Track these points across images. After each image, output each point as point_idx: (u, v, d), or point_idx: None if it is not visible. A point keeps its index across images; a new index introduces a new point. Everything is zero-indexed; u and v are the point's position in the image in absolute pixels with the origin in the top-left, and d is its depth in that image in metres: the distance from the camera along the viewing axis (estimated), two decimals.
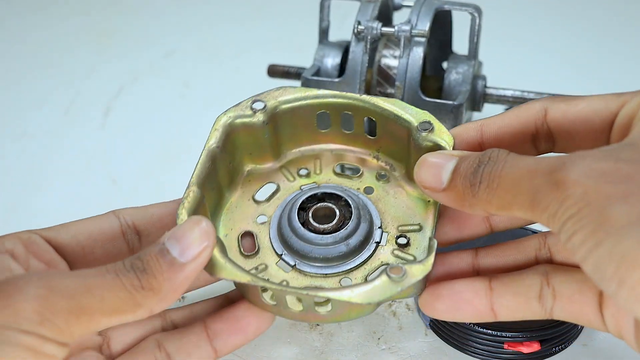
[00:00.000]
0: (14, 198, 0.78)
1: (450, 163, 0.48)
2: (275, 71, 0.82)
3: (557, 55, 1.04)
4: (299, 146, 0.60)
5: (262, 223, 0.57)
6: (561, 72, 1.01)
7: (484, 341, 0.58)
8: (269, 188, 0.59)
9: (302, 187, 0.59)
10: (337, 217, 0.56)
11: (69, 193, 0.80)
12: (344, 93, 0.58)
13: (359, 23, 0.71)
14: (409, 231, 0.57)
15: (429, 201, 0.57)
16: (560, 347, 0.59)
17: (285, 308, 0.51)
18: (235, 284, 0.52)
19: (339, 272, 0.55)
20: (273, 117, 0.57)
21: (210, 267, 0.49)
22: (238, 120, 0.56)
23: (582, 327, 0.61)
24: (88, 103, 0.94)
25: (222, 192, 0.58)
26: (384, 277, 0.48)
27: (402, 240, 0.57)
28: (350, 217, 0.56)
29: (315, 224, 0.55)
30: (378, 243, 0.56)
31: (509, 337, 0.57)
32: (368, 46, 0.71)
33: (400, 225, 0.57)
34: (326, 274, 0.55)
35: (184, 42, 1.08)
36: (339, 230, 0.55)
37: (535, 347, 0.57)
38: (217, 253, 0.49)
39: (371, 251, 0.56)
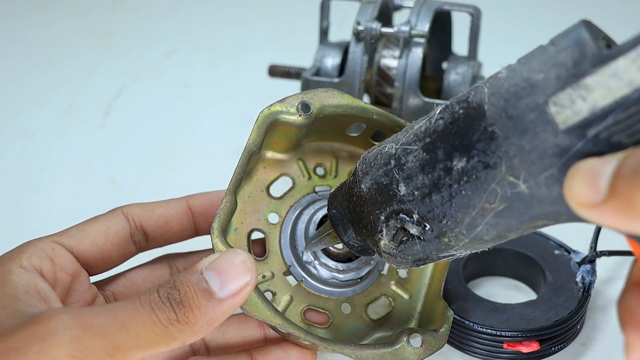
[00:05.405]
0: (14, 198, 0.79)
1: (609, 165, 0.37)
2: (275, 71, 0.82)
3: None
4: (320, 141, 0.59)
5: (274, 223, 0.56)
6: None
7: (483, 341, 0.58)
8: (284, 182, 0.58)
9: (316, 189, 0.58)
10: None
11: (69, 193, 0.80)
12: (388, 114, 0.56)
13: (359, 23, 0.71)
14: None
15: None
16: (559, 346, 0.59)
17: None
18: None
19: (342, 297, 0.56)
20: (313, 118, 0.55)
21: None
22: (281, 118, 0.54)
23: (581, 327, 0.61)
24: (88, 103, 0.94)
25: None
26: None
27: (403, 274, 0.57)
28: None
29: (330, 247, 0.55)
30: (380, 271, 0.57)
31: (508, 336, 0.57)
32: (367, 47, 0.71)
33: None
34: (329, 297, 0.55)
35: (184, 42, 1.09)
36: (352, 260, 0.55)
37: (534, 346, 0.57)
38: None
39: (374, 280, 0.57)
